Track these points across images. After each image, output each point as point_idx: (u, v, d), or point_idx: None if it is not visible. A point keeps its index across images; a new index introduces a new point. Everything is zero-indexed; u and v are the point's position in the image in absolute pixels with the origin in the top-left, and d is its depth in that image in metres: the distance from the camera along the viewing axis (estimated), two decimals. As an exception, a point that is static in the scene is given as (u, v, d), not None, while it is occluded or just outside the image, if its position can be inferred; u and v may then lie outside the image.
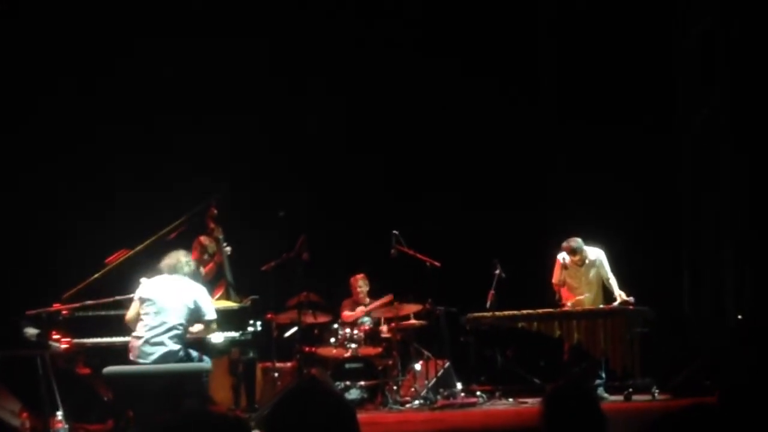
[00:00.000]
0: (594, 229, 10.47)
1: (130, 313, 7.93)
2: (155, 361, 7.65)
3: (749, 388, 3.37)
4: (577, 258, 10.16)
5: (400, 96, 12.02)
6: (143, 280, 8.01)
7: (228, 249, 9.30)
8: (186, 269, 7.99)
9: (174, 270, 7.92)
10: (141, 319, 7.76)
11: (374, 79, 12.00)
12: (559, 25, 12.00)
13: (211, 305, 8.02)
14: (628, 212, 11.53)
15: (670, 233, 11.82)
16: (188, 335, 7.92)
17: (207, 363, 7.97)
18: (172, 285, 7.87)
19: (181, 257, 8.03)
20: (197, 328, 7.99)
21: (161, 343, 7.68)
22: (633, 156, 11.66)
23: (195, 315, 7.87)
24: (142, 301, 7.81)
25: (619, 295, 9.97)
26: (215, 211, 9.19)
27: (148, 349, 7.67)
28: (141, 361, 7.68)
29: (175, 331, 7.73)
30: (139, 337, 7.72)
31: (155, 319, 7.72)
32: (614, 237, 10.65)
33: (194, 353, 7.91)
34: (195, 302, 7.84)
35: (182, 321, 7.78)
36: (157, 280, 7.93)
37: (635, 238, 11.33)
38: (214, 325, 8.04)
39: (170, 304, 7.77)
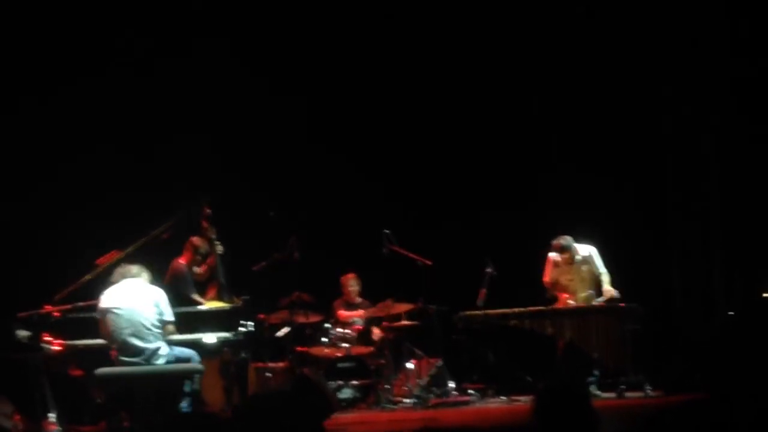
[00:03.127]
0: (584, 227, 10.49)
1: (103, 330, 7.93)
2: (143, 362, 7.69)
3: (739, 384, 3.39)
4: (566, 256, 10.18)
5: (390, 97, 11.99)
6: (106, 293, 8.00)
7: (220, 248, 9.29)
8: (145, 275, 8.05)
9: (123, 276, 7.99)
10: (114, 331, 7.76)
11: (366, 79, 11.98)
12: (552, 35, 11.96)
13: (169, 307, 8.05)
14: (618, 210, 11.53)
15: (659, 230, 11.83)
16: None
17: (198, 364, 8.01)
18: (134, 287, 7.92)
19: (132, 268, 8.08)
20: None
21: (140, 349, 7.71)
22: (622, 155, 11.67)
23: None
24: (107, 312, 7.81)
25: (606, 290, 10.00)
26: (208, 211, 9.17)
27: (130, 358, 7.71)
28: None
29: (149, 331, 7.77)
30: (118, 350, 7.75)
31: (128, 324, 7.74)
32: (604, 235, 10.66)
33: (180, 352, 7.94)
34: (157, 303, 7.90)
35: (154, 320, 7.82)
36: (117, 287, 7.95)
37: (624, 235, 11.33)
38: (172, 327, 8.06)
39: (138, 305, 7.81)
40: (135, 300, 7.86)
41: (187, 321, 8.36)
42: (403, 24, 11.83)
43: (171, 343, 7.97)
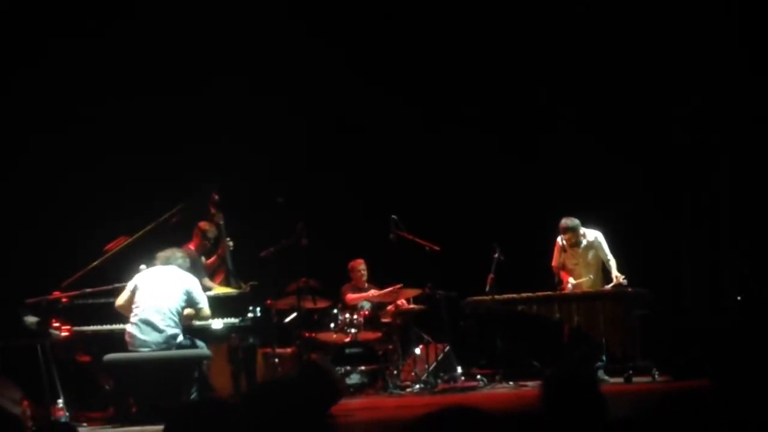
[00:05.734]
0: (594, 211, 10.46)
1: (121, 300, 8.01)
2: (154, 348, 7.70)
3: (747, 370, 3.38)
4: (569, 236, 10.12)
5: (399, 81, 11.98)
6: (143, 267, 8.12)
7: (230, 244, 9.35)
8: (180, 261, 8.15)
9: (167, 261, 8.15)
10: (137, 307, 7.84)
11: (373, 64, 11.96)
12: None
13: (203, 295, 8.12)
14: (628, 195, 11.51)
15: (669, 215, 11.81)
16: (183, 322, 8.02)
17: (206, 349, 8.05)
18: (166, 274, 8.02)
19: (176, 252, 8.26)
20: (188, 311, 8.08)
21: (158, 330, 7.76)
22: (634, 143, 11.64)
23: (188, 303, 7.99)
24: (137, 289, 7.92)
25: (616, 276, 9.97)
26: (216, 197, 9.22)
27: (145, 336, 7.74)
28: (141, 349, 7.73)
29: (170, 317, 7.82)
30: (134, 326, 7.79)
31: (151, 307, 7.81)
32: (614, 219, 10.64)
33: (189, 340, 7.97)
34: (187, 291, 8.00)
35: (177, 307, 7.89)
36: (152, 270, 8.07)
37: (635, 220, 11.32)
38: (206, 312, 8.11)
39: (165, 291, 7.90)
40: (164, 284, 7.97)
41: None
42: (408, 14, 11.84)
43: (188, 333, 8.03)
